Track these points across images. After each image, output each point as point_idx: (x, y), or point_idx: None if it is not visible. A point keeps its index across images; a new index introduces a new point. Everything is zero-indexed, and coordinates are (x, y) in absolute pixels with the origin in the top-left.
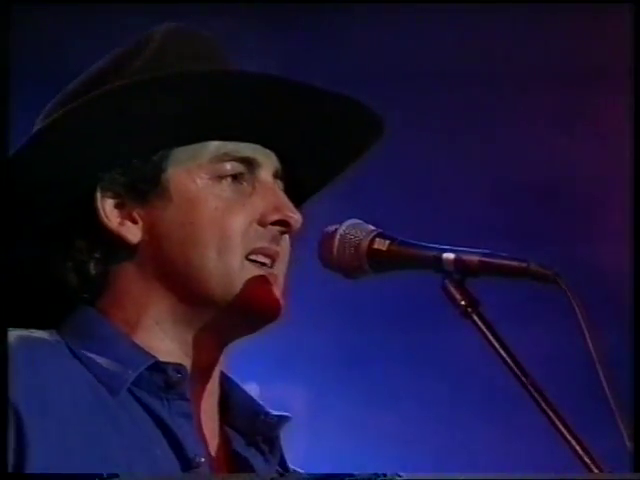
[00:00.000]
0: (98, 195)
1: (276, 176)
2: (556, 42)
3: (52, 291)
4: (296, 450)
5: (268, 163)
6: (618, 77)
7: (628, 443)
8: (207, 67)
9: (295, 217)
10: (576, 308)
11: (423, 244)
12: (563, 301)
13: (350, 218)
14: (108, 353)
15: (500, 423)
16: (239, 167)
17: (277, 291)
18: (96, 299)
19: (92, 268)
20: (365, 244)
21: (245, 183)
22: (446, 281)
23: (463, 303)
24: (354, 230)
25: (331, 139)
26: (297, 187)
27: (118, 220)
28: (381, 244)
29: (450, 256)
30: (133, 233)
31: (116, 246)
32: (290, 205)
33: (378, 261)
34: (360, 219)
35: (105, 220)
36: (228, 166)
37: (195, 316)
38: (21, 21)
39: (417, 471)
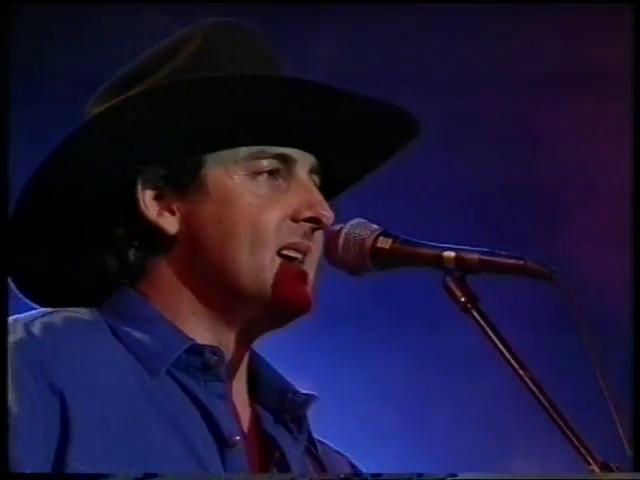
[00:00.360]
0: (139, 186)
1: (312, 172)
2: (556, 42)
3: (93, 274)
4: None
5: (304, 159)
6: (618, 77)
7: (629, 451)
8: (249, 66)
9: (327, 214)
10: (574, 309)
11: (425, 243)
12: (560, 298)
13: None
14: (148, 334)
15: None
16: (275, 163)
17: (307, 286)
18: (135, 284)
19: (131, 255)
20: (369, 243)
21: (281, 179)
22: (447, 278)
23: (463, 299)
24: (358, 229)
25: (366, 140)
26: (329, 184)
27: (157, 211)
28: (384, 243)
29: (451, 254)
30: (170, 224)
31: (154, 236)
32: (323, 202)
33: (381, 259)
34: (364, 218)
35: (144, 210)
36: (264, 163)
37: (227, 307)
38: (21, 21)
39: (425, 467)
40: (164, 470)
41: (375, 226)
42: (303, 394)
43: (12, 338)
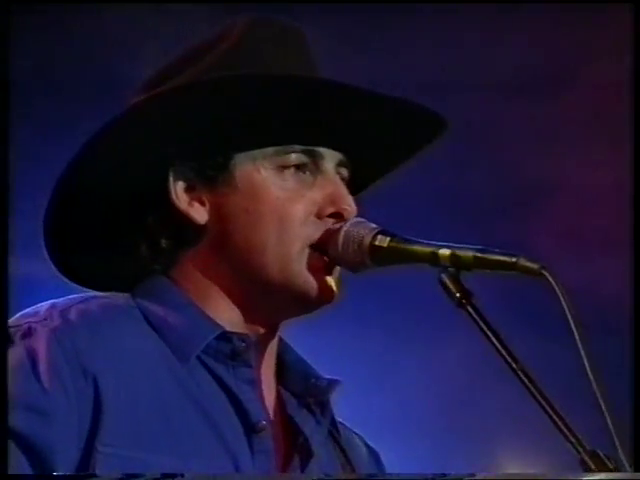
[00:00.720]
0: (171, 178)
1: (340, 165)
2: (555, 43)
3: (129, 260)
4: None
5: (331, 154)
6: (618, 78)
7: (616, 439)
8: (283, 64)
9: (349, 209)
10: (562, 301)
11: (421, 241)
12: (551, 294)
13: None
14: (179, 321)
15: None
16: (302, 158)
17: (332, 278)
18: (167, 271)
19: (163, 243)
20: (367, 241)
21: (308, 173)
22: (442, 275)
23: (458, 295)
24: (357, 228)
25: (390, 139)
26: (354, 180)
27: (187, 201)
28: (382, 241)
29: (446, 252)
30: (200, 214)
31: (185, 225)
32: (347, 197)
33: (379, 256)
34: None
35: (175, 200)
36: (291, 157)
37: (254, 295)
38: (21, 21)
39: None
40: (191, 455)
41: (373, 225)
42: (326, 379)
43: (49, 324)
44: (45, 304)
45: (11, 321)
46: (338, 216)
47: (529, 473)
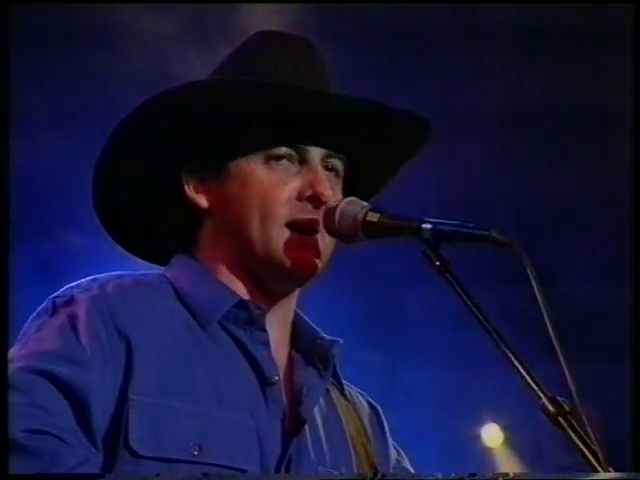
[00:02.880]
0: (183, 172)
1: (328, 157)
2: (555, 43)
3: (162, 239)
4: None
5: (318, 148)
6: (618, 78)
7: (571, 386)
8: (288, 73)
9: (325, 193)
10: (529, 272)
11: (406, 216)
12: (518, 264)
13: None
14: (203, 292)
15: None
16: (289, 150)
17: (311, 253)
18: (191, 248)
19: (182, 227)
20: (360, 216)
21: (294, 162)
22: (425, 246)
23: (438, 263)
24: (351, 205)
25: (387, 145)
26: (359, 188)
27: (195, 190)
28: (373, 216)
29: (428, 226)
30: (204, 200)
31: (195, 210)
32: (324, 182)
33: (370, 230)
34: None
35: (187, 190)
36: (279, 150)
37: (253, 270)
38: (21, 21)
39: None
40: (213, 404)
41: (365, 203)
42: (329, 339)
43: (89, 293)
44: (88, 278)
45: (57, 292)
46: (315, 199)
47: (530, 473)
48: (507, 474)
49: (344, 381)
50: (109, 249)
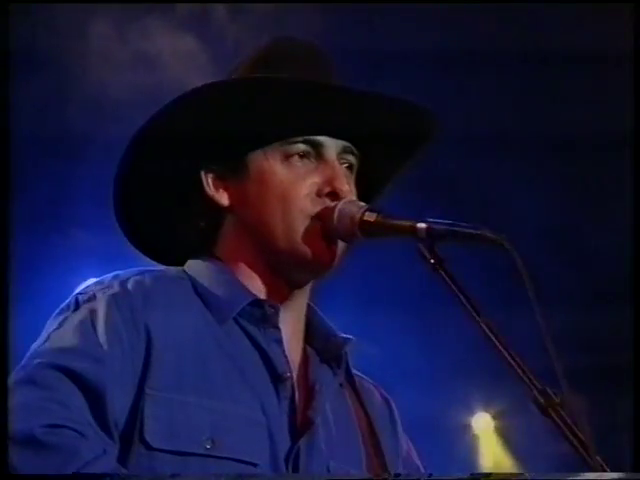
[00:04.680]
0: (202, 171)
1: (344, 152)
2: (555, 44)
3: (181, 239)
4: None
5: (334, 144)
6: (618, 78)
7: (561, 379)
8: (302, 74)
9: (343, 189)
10: (521, 270)
11: (402, 216)
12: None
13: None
14: (220, 289)
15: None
16: (305, 147)
17: (333, 245)
18: (210, 248)
19: (202, 225)
20: (358, 216)
21: (312, 159)
22: (419, 245)
23: (432, 261)
24: (349, 205)
25: (390, 136)
26: (369, 182)
27: (214, 188)
28: (370, 216)
29: (423, 225)
30: (224, 198)
31: (215, 208)
32: (342, 178)
33: (368, 229)
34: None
35: (206, 188)
36: (295, 147)
37: (272, 265)
38: (20, 20)
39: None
40: (226, 399)
41: (362, 203)
42: (342, 337)
43: (110, 291)
44: (110, 275)
45: (80, 289)
46: (334, 195)
47: (540, 474)
48: (522, 474)
49: (358, 373)
50: (121, 247)
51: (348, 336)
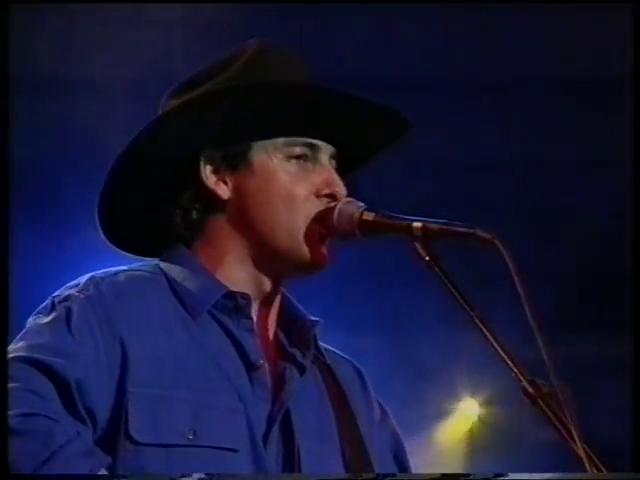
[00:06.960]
0: (201, 162)
1: (332, 157)
2: (554, 43)
3: (165, 229)
4: None
5: (326, 148)
6: (618, 78)
7: (548, 366)
8: (285, 76)
9: (341, 191)
10: (510, 267)
11: (399, 215)
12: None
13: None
14: (193, 283)
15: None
16: (304, 150)
17: (328, 248)
18: (194, 237)
19: (194, 214)
20: (357, 216)
21: (309, 162)
22: (415, 243)
23: (427, 259)
24: (349, 205)
25: (367, 133)
26: (344, 165)
27: (214, 180)
28: (368, 216)
29: (418, 224)
30: (224, 191)
31: (212, 200)
32: (339, 182)
33: (366, 228)
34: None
35: (205, 179)
36: (297, 149)
37: (263, 260)
38: (20, 20)
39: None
40: (203, 390)
41: (361, 203)
42: (310, 320)
43: (85, 293)
44: (86, 276)
45: (57, 292)
46: (332, 196)
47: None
48: (502, 474)
49: (329, 347)
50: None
51: (316, 318)
